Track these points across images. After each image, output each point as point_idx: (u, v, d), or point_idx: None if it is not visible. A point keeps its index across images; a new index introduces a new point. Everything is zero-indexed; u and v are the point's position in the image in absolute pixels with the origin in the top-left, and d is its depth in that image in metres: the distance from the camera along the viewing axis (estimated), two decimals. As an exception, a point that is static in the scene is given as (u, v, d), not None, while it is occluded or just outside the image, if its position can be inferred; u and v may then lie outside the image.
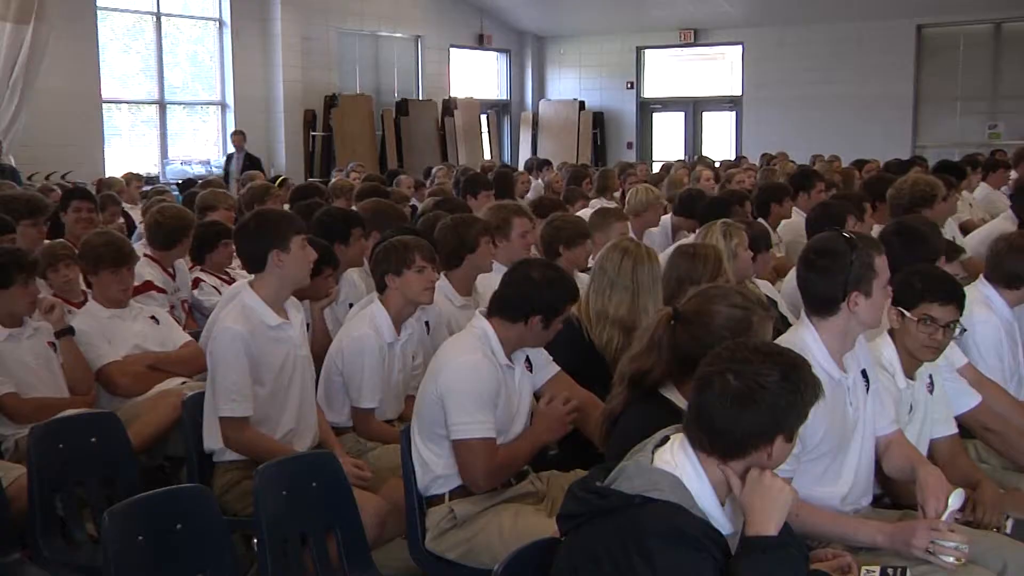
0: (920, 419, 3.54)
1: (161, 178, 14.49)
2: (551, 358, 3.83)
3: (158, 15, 15.34)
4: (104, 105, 14.52)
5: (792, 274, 5.63)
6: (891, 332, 3.50)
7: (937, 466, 3.36)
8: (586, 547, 2.39)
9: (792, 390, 2.36)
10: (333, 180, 10.92)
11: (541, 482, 3.72)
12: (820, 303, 3.22)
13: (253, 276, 4.05)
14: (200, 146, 16.30)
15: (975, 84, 18.28)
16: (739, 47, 20.29)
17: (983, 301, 4.17)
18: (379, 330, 4.26)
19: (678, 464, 2.40)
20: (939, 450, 3.59)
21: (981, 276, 4.36)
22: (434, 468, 3.54)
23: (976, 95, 18.31)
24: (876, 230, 5.39)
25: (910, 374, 3.49)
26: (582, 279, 4.82)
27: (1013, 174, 10.30)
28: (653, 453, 2.44)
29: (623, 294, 4.21)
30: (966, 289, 4.25)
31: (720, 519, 2.40)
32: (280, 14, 16.28)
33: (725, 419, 2.35)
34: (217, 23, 16.09)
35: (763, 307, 2.97)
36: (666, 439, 2.48)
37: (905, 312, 3.42)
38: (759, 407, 2.33)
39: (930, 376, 3.59)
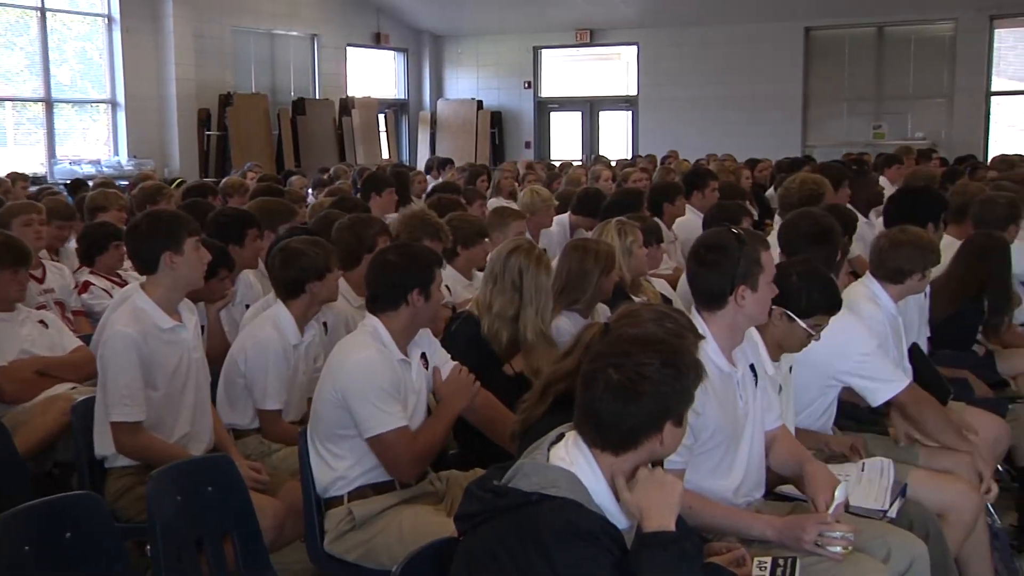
0: (786, 400, 3.64)
1: (49, 178, 14.02)
2: (449, 356, 3.85)
3: (43, 10, 14.87)
4: (-14, 103, 14.06)
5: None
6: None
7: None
8: (484, 546, 2.39)
9: (674, 376, 2.39)
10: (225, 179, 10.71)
11: (441, 482, 3.72)
12: (709, 297, 3.30)
13: (145, 278, 3.97)
14: (90, 146, 15.86)
15: (860, 85, 18.85)
16: (634, 47, 20.55)
17: (870, 297, 4.29)
18: (283, 332, 4.23)
19: (573, 461, 2.42)
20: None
21: (867, 272, 4.50)
22: (335, 469, 3.53)
23: (861, 96, 18.89)
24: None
25: (775, 359, 3.57)
26: (480, 278, 4.85)
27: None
28: (549, 451, 2.46)
29: (511, 292, 4.23)
30: (853, 285, 4.40)
31: (616, 513, 2.42)
32: (172, 11, 15.92)
33: (612, 413, 2.37)
34: (106, 19, 15.67)
35: (695, 332, 2.99)
36: (562, 436, 2.50)
37: (795, 318, 3.49)
38: (643, 397, 2.35)
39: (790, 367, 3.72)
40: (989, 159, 14.09)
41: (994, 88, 18.00)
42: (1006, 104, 18.24)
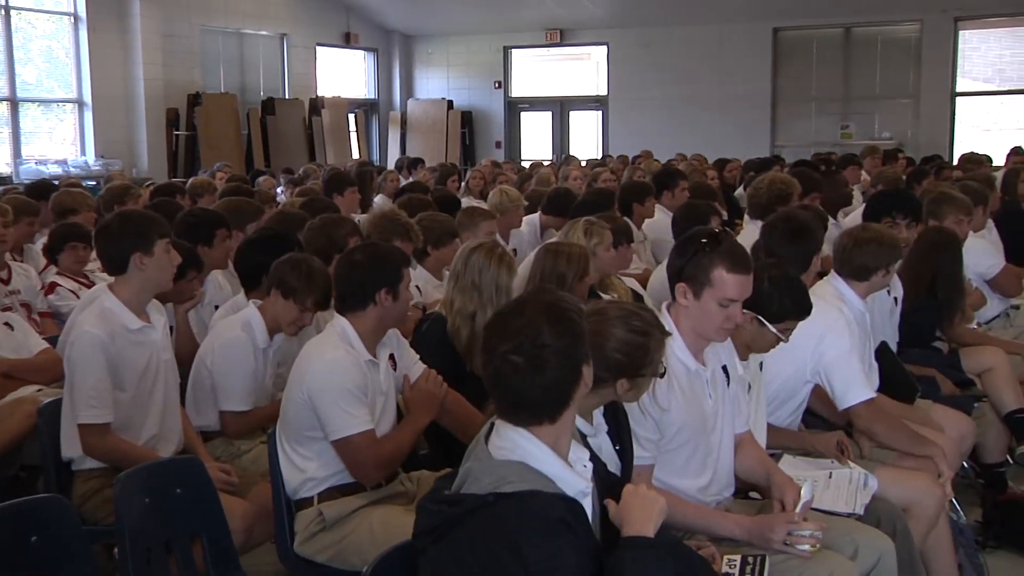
0: (756, 397, 3.66)
1: (14, 178, 13.89)
2: (418, 357, 3.84)
3: (7, 8, 14.69)
4: (-50, 102, 13.89)
5: (658, 272, 5.77)
6: None
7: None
8: (450, 555, 2.35)
9: (567, 331, 2.38)
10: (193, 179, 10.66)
11: (411, 482, 3.72)
12: (670, 284, 3.33)
13: (113, 279, 3.94)
14: (57, 146, 15.71)
15: (828, 86, 18.99)
16: (604, 47, 20.61)
17: (836, 296, 4.31)
18: (252, 334, 4.20)
19: (514, 445, 2.39)
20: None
21: (832, 271, 4.52)
22: (304, 471, 3.51)
23: (829, 96, 19.03)
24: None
25: (744, 358, 3.59)
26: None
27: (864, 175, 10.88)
28: (488, 446, 2.43)
29: (471, 289, 4.24)
30: (819, 284, 4.43)
31: (570, 478, 2.41)
32: (139, 10, 15.79)
33: (536, 391, 2.36)
34: (72, 18, 15.53)
35: (661, 330, 2.97)
36: (491, 426, 2.47)
37: (765, 323, 3.49)
38: (552, 362, 2.35)
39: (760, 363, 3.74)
40: (955, 159, 14.24)
41: (959, 89, 18.20)
42: (970, 105, 18.44)
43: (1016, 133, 17.53)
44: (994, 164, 11.81)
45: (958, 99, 18.22)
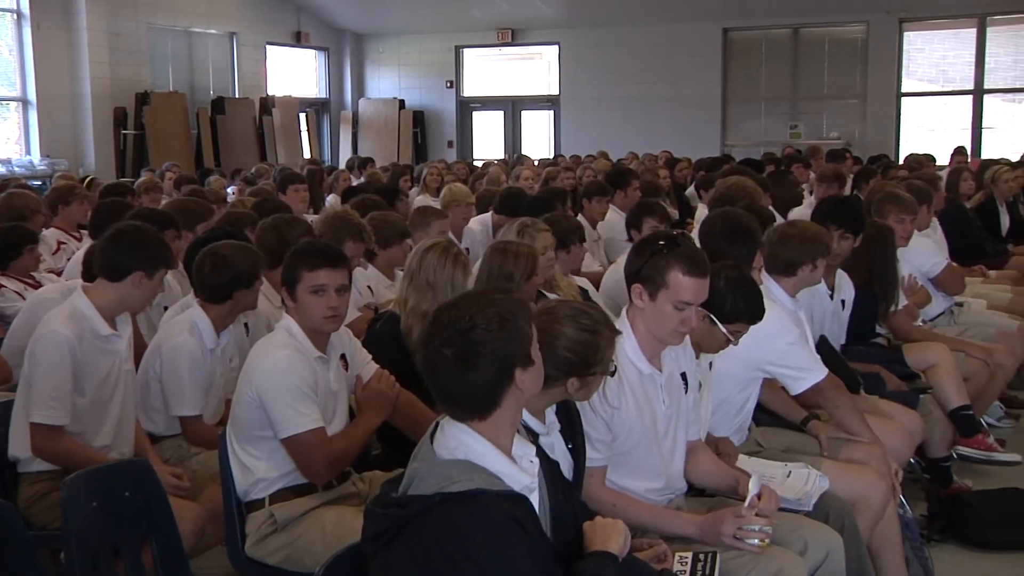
0: (704, 395, 3.68)
1: (-43, 178, 13.66)
2: (370, 357, 3.83)
3: (-52, 5, 14.47)
4: None
5: (612, 270, 5.78)
6: None
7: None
8: (403, 560, 2.33)
9: (500, 324, 2.36)
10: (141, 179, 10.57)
11: (364, 483, 3.70)
12: (627, 285, 3.34)
13: (83, 281, 3.91)
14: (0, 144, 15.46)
15: (777, 86, 19.19)
16: (555, 47, 20.67)
17: (766, 295, 4.32)
18: (199, 336, 4.17)
19: (458, 443, 2.39)
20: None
21: (762, 270, 4.45)
22: (255, 471, 3.48)
23: (778, 96, 19.22)
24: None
25: (695, 357, 3.61)
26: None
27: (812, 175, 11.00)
28: (433, 445, 2.43)
29: (425, 288, 4.23)
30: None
31: (515, 473, 2.41)
32: (85, 7, 15.56)
33: (462, 387, 2.37)
34: (15, 15, 15.26)
35: (611, 328, 2.96)
36: (437, 425, 2.48)
37: (716, 322, 3.50)
38: (481, 359, 2.34)
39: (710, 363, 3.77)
40: (900, 158, 14.44)
41: (904, 89, 18.47)
42: (915, 105, 18.72)
43: (960, 133, 17.85)
44: (938, 164, 12.01)
45: (903, 99, 18.50)
